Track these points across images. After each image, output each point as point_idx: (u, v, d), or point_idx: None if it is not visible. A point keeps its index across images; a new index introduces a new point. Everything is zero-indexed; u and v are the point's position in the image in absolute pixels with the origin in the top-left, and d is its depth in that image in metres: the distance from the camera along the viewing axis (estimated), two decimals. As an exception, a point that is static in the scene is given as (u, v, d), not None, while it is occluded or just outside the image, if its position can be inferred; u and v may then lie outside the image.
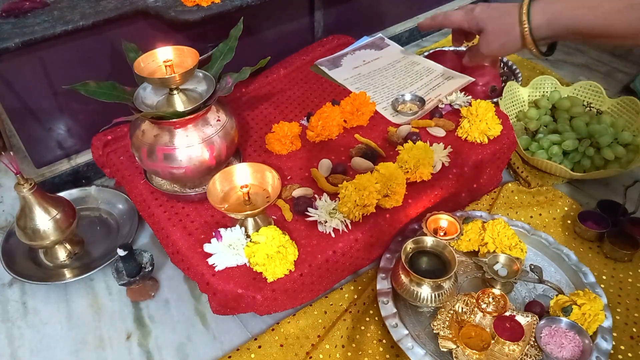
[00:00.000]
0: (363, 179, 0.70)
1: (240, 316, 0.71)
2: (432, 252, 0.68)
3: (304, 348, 0.66)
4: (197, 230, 0.72)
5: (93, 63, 0.85)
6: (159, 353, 0.68)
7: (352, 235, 0.70)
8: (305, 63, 1.06)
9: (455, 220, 0.71)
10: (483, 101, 0.85)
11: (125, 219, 0.84)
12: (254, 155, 0.85)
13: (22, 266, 0.77)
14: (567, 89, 1.02)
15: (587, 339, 0.61)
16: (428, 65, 1.02)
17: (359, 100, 0.87)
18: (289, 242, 0.65)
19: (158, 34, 0.87)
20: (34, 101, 0.83)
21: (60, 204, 0.75)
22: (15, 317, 0.73)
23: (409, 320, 0.66)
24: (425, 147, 0.77)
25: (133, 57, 0.71)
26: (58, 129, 0.88)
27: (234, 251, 0.67)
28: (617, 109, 0.97)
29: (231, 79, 0.72)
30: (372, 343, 0.67)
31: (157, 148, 0.69)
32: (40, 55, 0.79)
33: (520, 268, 0.68)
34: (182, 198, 0.76)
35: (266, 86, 1.00)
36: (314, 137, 0.85)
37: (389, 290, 0.68)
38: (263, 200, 0.68)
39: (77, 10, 0.80)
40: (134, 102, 0.70)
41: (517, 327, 0.61)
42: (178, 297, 0.74)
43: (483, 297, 0.64)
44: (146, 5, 0.82)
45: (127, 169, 0.82)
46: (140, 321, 0.72)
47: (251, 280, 0.65)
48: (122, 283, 0.70)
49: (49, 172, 0.89)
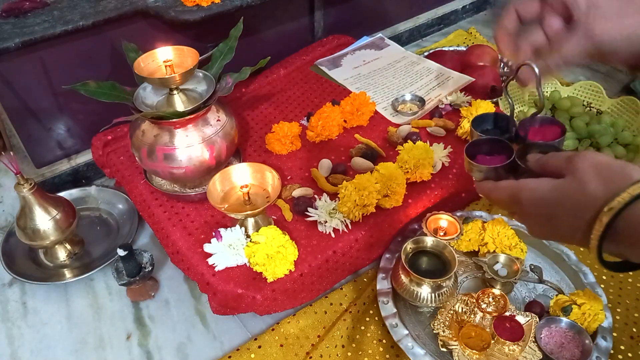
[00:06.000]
0: (363, 179, 0.70)
1: (240, 316, 0.71)
2: (432, 252, 0.68)
3: (304, 348, 0.66)
4: (197, 230, 0.72)
5: (93, 63, 0.85)
6: (159, 353, 0.68)
7: (352, 235, 0.70)
8: (305, 63, 1.06)
9: (455, 220, 0.71)
10: (483, 101, 0.85)
11: (125, 219, 0.84)
12: (254, 155, 0.85)
13: (22, 266, 0.77)
14: (567, 89, 1.02)
15: (587, 339, 0.61)
16: (428, 66, 1.02)
17: (359, 100, 0.87)
18: (289, 242, 0.65)
19: (158, 34, 0.87)
20: (34, 101, 0.83)
21: (60, 204, 0.75)
22: (15, 317, 0.73)
23: (409, 320, 0.66)
24: (425, 147, 0.77)
25: (133, 57, 0.71)
26: (58, 129, 0.88)
27: (234, 251, 0.67)
28: (617, 109, 0.97)
29: (231, 79, 0.72)
30: (372, 343, 0.67)
31: (157, 148, 0.69)
32: (40, 55, 0.79)
33: (520, 268, 0.68)
34: (182, 198, 0.76)
35: (266, 86, 1.00)
36: (314, 137, 0.85)
37: (389, 290, 0.68)
38: (263, 200, 0.68)
39: (77, 10, 0.80)
40: (134, 102, 0.70)
41: (517, 327, 0.61)
42: (178, 297, 0.74)
43: (483, 297, 0.64)
44: (146, 5, 0.82)
45: (127, 169, 0.82)
46: (140, 321, 0.72)
47: (251, 280, 0.65)
48: (122, 283, 0.70)
49: (49, 172, 0.89)
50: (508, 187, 0.51)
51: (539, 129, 0.58)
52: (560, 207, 0.46)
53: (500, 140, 0.57)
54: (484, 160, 0.57)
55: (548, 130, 0.58)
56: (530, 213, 0.49)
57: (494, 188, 0.53)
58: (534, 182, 0.49)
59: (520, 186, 0.49)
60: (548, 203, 0.47)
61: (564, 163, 0.47)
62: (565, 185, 0.46)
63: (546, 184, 0.47)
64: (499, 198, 0.53)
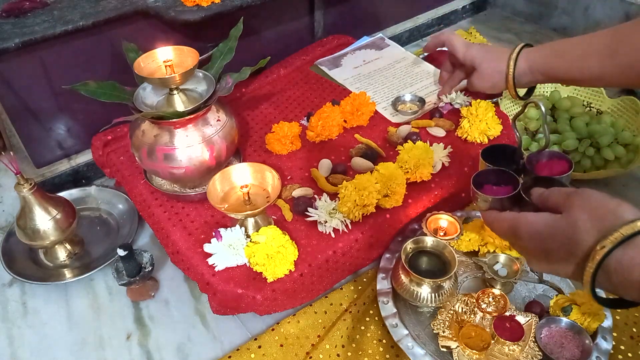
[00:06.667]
0: (363, 179, 0.70)
1: (240, 316, 0.71)
2: (432, 252, 0.68)
3: (304, 348, 0.66)
4: (197, 230, 0.72)
5: (93, 63, 0.85)
6: (159, 353, 0.68)
7: (352, 235, 0.70)
8: (305, 63, 1.06)
9: (455, 220, 0.71)
10: (483, 101, 0.85)
11: (125, 219, 0.84)
12: (254, 155, 0.85)
13: (22, 266, 0.77)
14: (567, 89, 1.02)
15: (587, 339, 0.61)
16: (428, 68, 1.02)
17: (359, 100, 0.87)
18: (289, 242, 0.65)
19: (158, 34, 0.87)
20: (34, 101, 0.83)
21: (60, 204, 0.75)
22: (15, 317, 0.73)
23: (409, 320, 0.66)
24: (425, 147, 0.77)
25: (133, 57, 0.71)
26: (58, 129, 0.88)
27: (234, 251, 0.67)
28: (617, 109, 0.97)
29: (231, 79, 0.72)
30: (372, 343, 0.67)
31: (157, 148, 0.69)
32: (40, 55, 0.79)
33: (520, 268, 0.67)
34: (182, 198, 0.76)
35: (266, 86, 1.00)
36: (314, 137, 0.85)
37: (389, 290, 0.68)
38: (263, 200, 0.68)
39: (77, 10, 0.80)
40: (134, 102, 0.70)
41: (517, 327, 0.61)
42: (178, 297, 0.74)
43: (483, 297, 0.64)
44: (146, 5, 0.82)
45: (127, 169, 0.82)
46: (140, 321, 0.72)
47: (251, 280, 0.65)
48: (122, 283, 0.70)
49: (49, 172, 0.89)
50: (509, 219, 0.53)
51: (546, 163, 0.60)
52: (554, 243, 0.48)
53: (507, 172, 0.58)
54: (490, 191, 0.58)
55: (555, 164, 0.59)
56: (528, 246, 0.51)
57: (496, 218, 0.55)
58: (533, 217, 0.50)
59: (519, 219, 0.51)
60: (543, 238, 0.49)
61: (562, 199, 0.49)
62: (559, 222, 0.47)
63: (542, 219, 0.49)
64: (500, 229, 0.54)
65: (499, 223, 0.54)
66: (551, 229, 0.48)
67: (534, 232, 0.49)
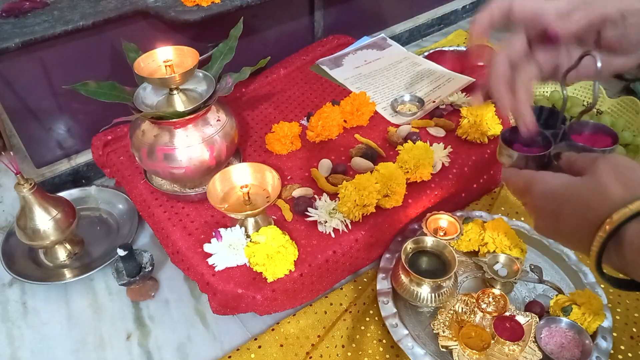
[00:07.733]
0: (363, 179, 0.70)
1: (240, 316, 0.71)
2: (432, 252, 0.68)
3: (304, 348, 0.66)
4: (197, 230, 0.72)
5: (93, 63, 0.85)
6: (159, 353, 0.68)
7: (352, 235, 0.70)
8: (305, 63, 1.06)
9: (455, 220, 0.71)
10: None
11: (125, 219, 0.84)
12: (254, 155, 0.85)
13: (22, 266, 0.77)
14: (567, 88, 1.02)
15: (587, 339, 0.61)
16: (429, 67, 1.02)
17: (359, 100, 0.87)
18: (289, 242, 0.65)
19: (158, 34, 0.87)
20: (34, 101, 0.83)
21: (60, 204, 0.75)
22: (15, 317, 0.73)
23: (409, 320, 0.66)
24: (425, 147, 0.77)
25: (133, 57, 0.71)
26: (58, 129, 0.88)
27: (234, 251, 0.67)
28: (617, 109, 0.97)
29: (231, 79, 0.72)
30: (372, 343, 0.67)
31: (157, 148, 0.69)
32: (40, 55, 0.79)
33: (520, 268, 0.68)
34: (182, 198, 0.76)
35: (266, 86, 1.00)
36: (314, 137, 0.85)
37: (389, 290, 0.68)
38: (263, 200, 0.68)
39: (77, 10, 0.80)
40: (134, 102, 0.70)
41: (517, 327, 0.61)
42: (178, 297, 0.74)
43: (483, 297, 0.64)
44: (146, 5, 0.82)
45: (127, 169, 0.82)
46: (140, 321, 0.72)
47: (251, 280, 0.65)
48: (122, 283, 0.70)
49: (49, 172, 0.89)
50: (525, 176, 0.49)
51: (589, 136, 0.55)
52: (568, 205, 0.44)
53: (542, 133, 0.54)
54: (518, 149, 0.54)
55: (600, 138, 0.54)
56: (538, 206, 0.48)
57: (513, 174, 0.51)
58: (550, 176, 0.47)
59: (536, 177, 0.48)
60: (555, 198, 0.45)
61: (588, 163, 0.45)
62: (579, 183, 0.44)
63: (559, 179, 0.46)
64: (515, 185, 0.51)
65: (514, 178, 0.51)
66: (567, 190, 0.44)
67: (547, 191, 0.46)
